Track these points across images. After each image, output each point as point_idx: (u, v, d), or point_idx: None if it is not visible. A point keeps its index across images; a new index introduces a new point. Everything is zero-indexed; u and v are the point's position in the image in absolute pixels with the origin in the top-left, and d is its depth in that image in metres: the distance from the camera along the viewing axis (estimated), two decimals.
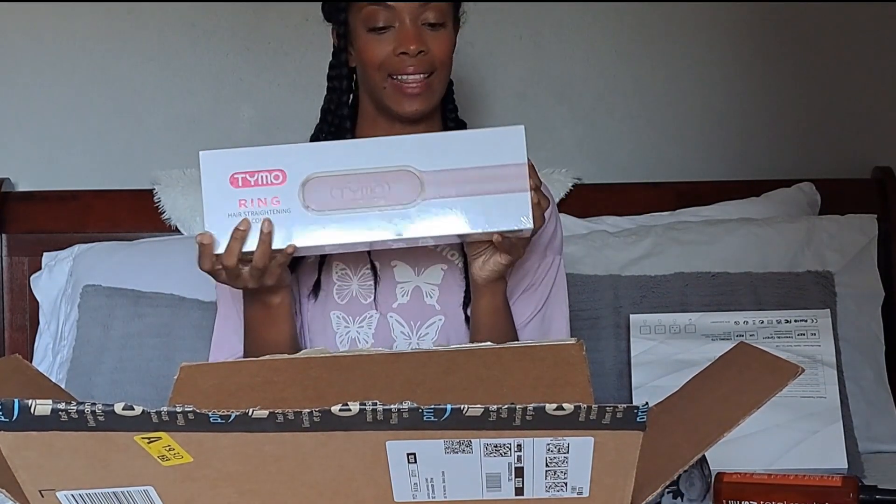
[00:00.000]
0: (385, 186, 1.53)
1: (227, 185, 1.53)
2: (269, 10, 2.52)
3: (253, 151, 1.55)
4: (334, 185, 1.53)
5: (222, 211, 1.54)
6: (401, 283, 1.75)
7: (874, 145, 2.56)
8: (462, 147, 1.54)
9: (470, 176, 1.53)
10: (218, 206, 1.54)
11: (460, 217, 1.54)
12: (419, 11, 1.70)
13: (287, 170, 1.53)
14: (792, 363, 1.19)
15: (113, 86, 2.52)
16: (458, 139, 1.55)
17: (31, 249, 2.41)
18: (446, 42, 1.72)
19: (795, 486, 1.60)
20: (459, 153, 1.54)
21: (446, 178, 1.53)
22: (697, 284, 2.21)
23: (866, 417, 2.17)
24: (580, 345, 1.28)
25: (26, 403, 0.99)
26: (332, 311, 1.74)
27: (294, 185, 1.53)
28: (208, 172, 1.54)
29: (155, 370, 2.14)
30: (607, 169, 2.55)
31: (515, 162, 1.54)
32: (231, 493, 1.07)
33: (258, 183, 1.53)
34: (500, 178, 1.53)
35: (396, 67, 1.70)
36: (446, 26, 1.72)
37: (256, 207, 1.54)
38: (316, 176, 1.53)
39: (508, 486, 1.07)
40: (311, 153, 1.54)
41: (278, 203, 1.54)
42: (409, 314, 1.74)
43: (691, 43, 2.56)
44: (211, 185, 1.54)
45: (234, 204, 1.53)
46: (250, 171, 1.54)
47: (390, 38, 1.70)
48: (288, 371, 1.28)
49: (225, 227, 1.54)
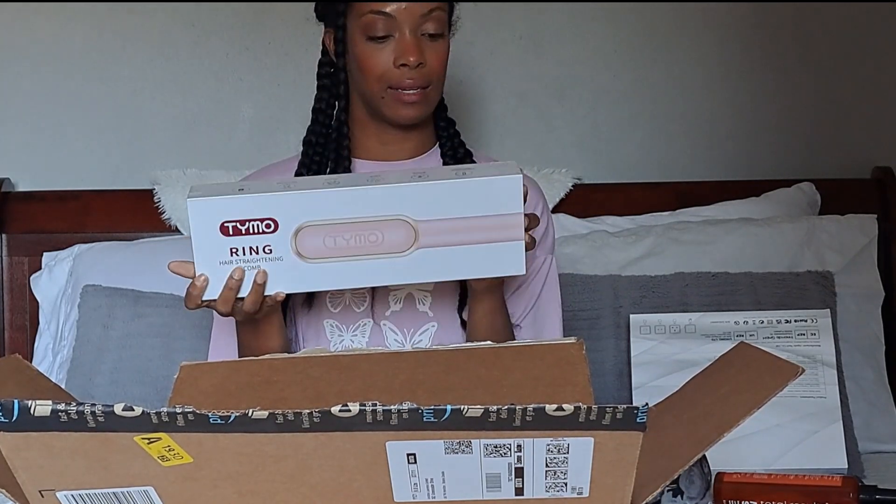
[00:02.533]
0: (379, 235, 1.51)
1: (217, 234, 1.50)
2: (269, 10, 2.52)
3: (243, 199, 1.51)
4: (327, 234, 1.51)
5: (213, 259, 1.52)
6: (393, 290, 1.75)
7: (874, 145, 2.56)
8: (458, 197, 1.51)
9: (465, 225, 1.51)
10: (209, 255, 1.52)
11: (454, 264, 1.53)
12: (420, 22, 1.69)
13: (279, 218, 1.50)
14: (792, 363, 1.19)
15: (113, 86, 2.52)
16: (454, 188, 1.51)
17: (31, 249, 2.41)
18: (443, 54, 1.72)
19: (795, 486, 1.60)
20: (455, 202, 1.51)
21: (441, 227, 1.51)
22: (697, 284, 2.21)
23: (866, 417, 2.17)
24: (580, 344, 1.28)
25: (26, 404, 0.99)
26: (326, 320, 1.74)
27: (286, 234, 1.51)
28: (198, 220, 1.51)
29: (155, 370, 2.14)
30: (607, 169, 2.55)
31: (511, 212, 1.52)
32: (231, 494, 1.07)
33: (249, 231, 1.51)
34: (495, 228, 1.52)
35: (396, 79, 1.69)
36: (444, 37, 1.72)
37: (248, 256, 1.51)
38: (308, 225, 1.51)
39: (508, 487, 1.07)
40: (304, 202, 1.51)
41: (270, 252, 1.51)
42: (402, 321, 1.74)
43: (691, 43, 2.56)
44: (201, 232, 1.51)
45: (226, 252, 1.51)
46: (241, 220, 1.50)
47: (390, 48, 1.69)
48: (288, 371, 1.28)
49: (216, 274, 1.52)
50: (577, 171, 2.48)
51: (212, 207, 1.51)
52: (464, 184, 1.52)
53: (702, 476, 1.52)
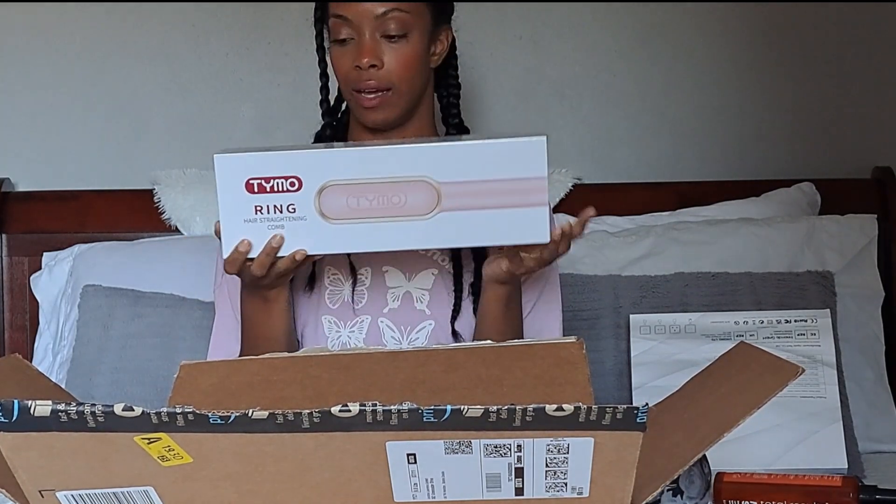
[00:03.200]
0: (402, 196, 1.50)
1: (242, 191, 1.51)
2: (269, 10, 2.52)
3: (269, 156, 1.51)
4: (350, 194, 1.50)
5: (238, 216, 1.52)
6: (392, 288, 1.75)
7: (874, 145, 2.56)
8: (481, 158, 1.50)
9: (488, 188, 1.50)
10: (234, 212, 1.52)
11: (476, 230, 1.52)
12: (378, 24, 1.69)
13: (303, 176, 1.50)
14: (792, 363, 1.19)
15: (113, 86, 2.52)
16: (477, 150, 1.51)
17: (31, 249, 2.41)
18: (405, 56, 1.70)
19: (795, 486, 1.60)
20: (478, 164, 1.50)
21: (464, 189, 1.50)
22: (697, 284, 2.21)
23: (866, 417, 2.17)
24: (580, 343, 1.28)
25: (26, 404, 0.99)
26: (324, 316, 1.75)
27: (310, 193, 1.51)
28: (223, 176, 1.51)
29: (155, 370, 2.14)
30: (607, 169, 2.55)
31: (535, 175, 1.50)
32: (231, 494, 1.07)
33: (274, 189, 1.51)
34: (519, 192, 1.50)
35: (356, 81, 1.70)
36: (409, 38, 1.70)
37: (272, 214, 1.51)
38: (332, 184, 1.50)
39: (508, 487, 1.07)
40: (328, 160, 1.51)
41: (294, 210, 1.51)
42: (399, 319, 1.74)
43: (691, 43, 2.56)
44: (226, 189, 1.51)
45: (251, 210, 1.51)
46: (266, 177, 1.51)
47: (351, 51, 1.70)
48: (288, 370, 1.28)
49: (241, 232, 1.52)
50: (577, 171, 2.48)
51: (238, 163, 1.51)
52: (487, 145, 1.51)
53: (702, 476, 1.53)
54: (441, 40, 1.77)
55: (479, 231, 1.52)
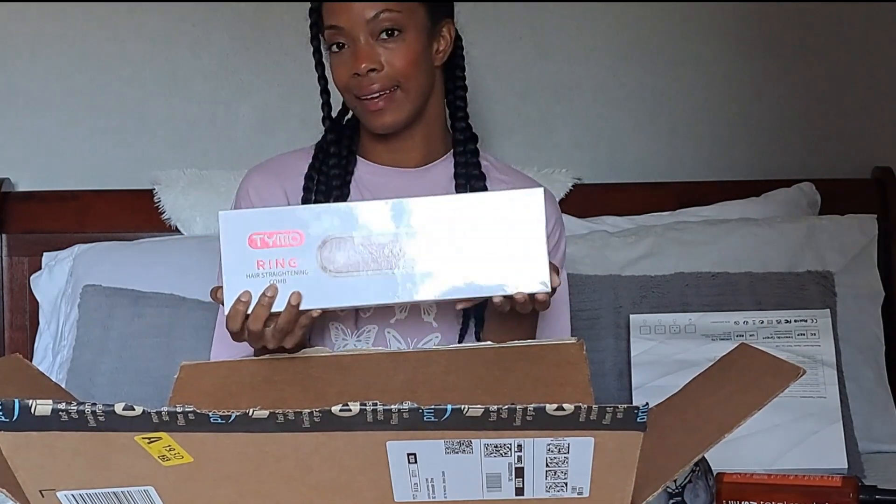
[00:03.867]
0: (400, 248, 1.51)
1: (245, 246, 1.51)
2: (269, 10, 2.52)
3: (272, 212, 1.53)
4: (350, 248, 1.51)
5: (241, 272, 1.52)
6: None
7: (874, 145, 2.56)
8: (478, 210, 1.51)
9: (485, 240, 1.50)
10: (237, 267, 1.52)
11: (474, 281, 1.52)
12: (370, 26, 1.67)
13: (304, 231, 1.51)
14: (793, 365, 1.19)
15: (113, 86, 2.52)
16: (472, 202, 1.52)
17: (31, 249, 2.41)
18: (406, 52, 1.68)
19: (795, 486, 1.60)
20: (476, 216, 1.51)
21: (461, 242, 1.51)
22: (697, 284, 2.21)
23: (866, 417, 2.17)
24: (580, 344, 1.28)
25: (27, 404, 0.99)
26: (331, 323, 1.74)
27: (312, 247, 1.51)
28: (227, 232, 1.52)
29: (155, 370, 2.14)
30: (607, 169, 2.55)
31: (533, 226, 1.51)
32: (231, 493, 1.07)
33: (276, 244, 1.51)
34: (518, 242, 1.51)
35: (357, 88, 1.69)
36: (405, 35, 1.68)
37: (275, 268, 1.51)
38: (333, 237, 1.52)
39: (509, 486, 1.07)
40: (330, 214, 1.52)
41: (296, 265, 1.51)
42: (406, 330, 1.73)
43: (691, 43, 2.56)
44: (230, 244, 1.52)
45: (253, 265, 1.51)
46: (269, 232, 1.51)
47: (347, 58, 1.69)
48: (288, 371, 1.28)
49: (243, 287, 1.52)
50: (577, 171, 2.48)
51: (242, 219, 1.52)
52: (485, 197, 1.52)
53: (706, 489, 1.52)
54: (443, 37, 1.74)
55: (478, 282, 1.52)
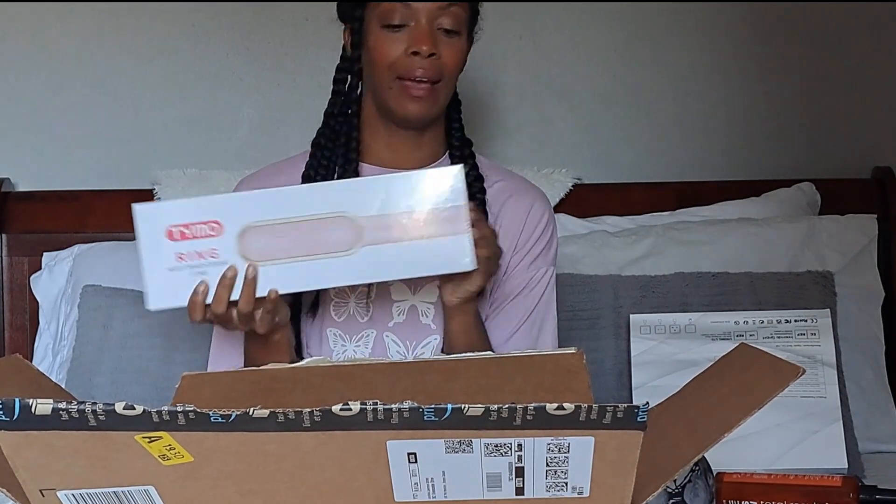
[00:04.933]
0: (322, 234, 1.51)
1: (164, 239, 1.50)
2: (269, 10, 2.52)
3: (188, 203, 1.52)
4: (271, 235, 1.51)
5: (162, 266, 1.51)
6: (397, 301, 1.74)
7: (874, 145, 2.56)
8: (399, 190, 1.51)
9: (409, 220, 1.51)
10: (157, 261, 1.51)
11: (401, 262, 1.52)
12: (436, 14, 1.68)
13: (223, 220, 1.50)
14: (793, 364, 1.19)
15: (113, 86, 2.52)
16: (393, 182, 1.52)
17: (31, 249, 2.41)
18: (459, 51, 1.70)
19: (795, 486, 1.60)
20: (397, 197, 1.51)
21: (384, 223, 1.51)
22: (697, 284, 2.21)
23: (866, 417, 2.17)
24: (580, 354, 1.28)
25: (27, 403, 0.99)
26: (329, 329, 1.73)
27: (231, 236, 1.51)
28: (144, 226, 1.51)
29: (155, 370, 2.14)
30: (607, 169, 2.55)
31: (454, 204, 1.52)
32: (232, 493, 1.07)
33: (195, 235, 1.50)
34: (440, 221, 1.51)
35: (406, 68, 1.67)
36: (461, 35, 1.71)
37: (195, 261, 1.51)
38: (253, 226, 1.51)
39: (509, 486, 1.06)
40: (247, 202, 1.51)
41: (216, 255, 1.51)
42: (404, 333, 1.73)
43: (691, 43, 2.56)
44: (147, 239, 1.51)
45: (173, 258, 1.51)
46: (186, 224, 1.50)
47: (404, 38, 1.68)
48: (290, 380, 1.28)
49: (165, 282, 1.51)
50: (577, 171, 2.48)
51: (158, 212, 1.51)
52: (404, 177, 1.53)
53: (706, 489, 1.52)
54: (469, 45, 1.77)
55: (404, 263, 1.53)
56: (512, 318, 1.76)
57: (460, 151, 1.79)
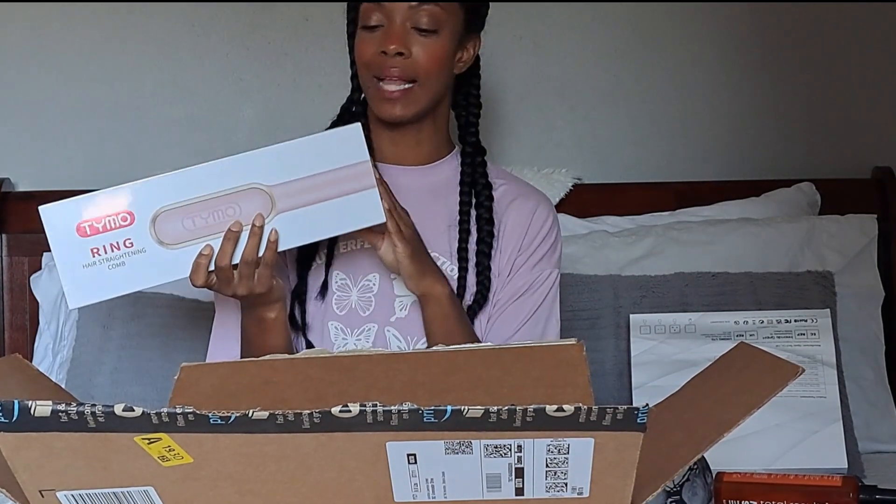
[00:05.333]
0: (236, 207, 1.52)
1: (75, 237, 1.49)
2: (269, 10, 2.52)
3: (93, 197, 1.50)
4: (184, 216, 1.51)
5: (76, 263, 1.50)
6: (399, 296, 1.74)
7: (874, 145, 2.56)
8: (303, 155, 1.53)
9: (317, 182, 1.53)
10: (71, 260, 1.50)
11: (316, 224, 1.55)
12: (410, 14, 1.68)
13: (133, 209, 1.50)
14: (792, 364, 1.19)
15: (113, 86, 2.52)
16: (296, 148, 1.54)
17: (31, 249, 2.41)
18: (435, 51, 1.69)
19: (795, 486, 1.60)
20: (302, 161, 1.53)
21: (294, 188, 1.53)
22: (697, 284, 2.21)
23: (866, 417, 2.18)
24: (580, 345, 1.28)
25: (26, 404, 0.99)
26: (331, 322, 1.74)
27: (144, 224, 1.50)
28: (53, 227, 1.50)
29: (155, 370, 2.14)
30: (607, 169, 2.55)
31: (358, 160, 1.54)
32: (231, 494, 1.07)
33: (106, 228, 1.50)
34: (346, 179, 1.54)
35: (378, 68, 1.69)
36: (440, 35, 1.70)
37: (110, 253, 1.50)
38: (164, 210, 1.51)
39: (509, 487, 1.06)
40: (154, 187, 1.51)
41: (132, 245, 1.51)
42: (406, 328, 1.73)
43: (691, 43, 2.56)
44: (59, 239, 1.50)
45: (87, 254, 1.50)
46: (96, 218, 1.50)
47: (378, 38, 1.69)
48: (288, 371, 1.28)
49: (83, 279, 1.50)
50: (577, 171, 2.48)
51: (65, 210, 1.50)
52: (306, 141, 1.54)
53: (705, 487, 1.52)
54: (468, 48, 1.77)
55: (319, 225, 1.55)
56: (514, 318, 1.76)
57: (472, 159, 1.80)
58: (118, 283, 1.53)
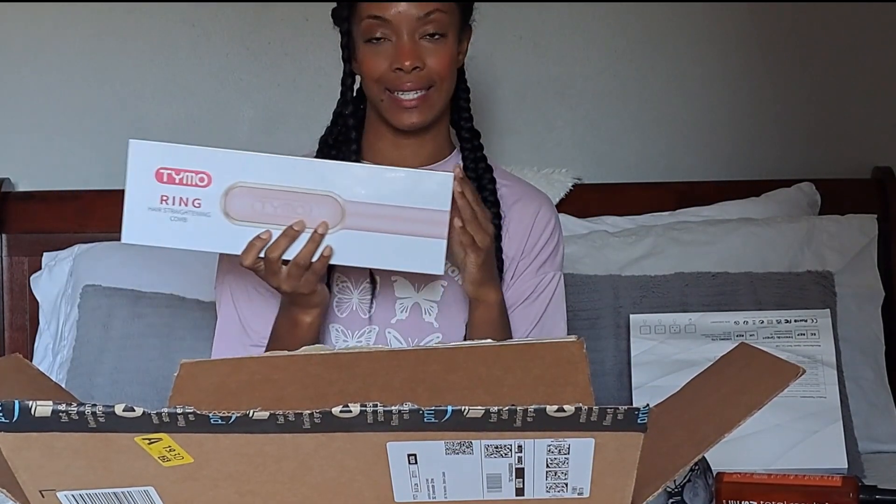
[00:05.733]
0: (307, 208, 1.53)
1: (152, 178, 1.52)
2: (269, 11, 2.52)
3: (183, 149, 1.53)
4: (257, 198, 1.52)
5: (143, 203, 1.53)
6: (400, 298, 1.74)
7: (874, 145, 2.56)
8: (389, 183, 1.54)
9: (391, 213, 1.53)
10: (140, 198, 1.53)
11: (375, 252, 1.55)
12: (417, 25, 1.67)
13: (213, 173, 1.52)
14: (793, 364, 1.19)
15: (113, 86, 2.52)
16: (385, 174, 1.54)
17: (31, 249, 2.41)
18: (446, 55, 1.69)
19: (795, 486, 1.60)
20: (385, 189, 1.53)
21: (368, 210, 1.53)
22: (697, 284, 2.21)
23: (866, 417, 2.17)
24: (581, 343, 1.27)
25: (27, 404, 0.99)
26: (331, 324, 1.73)
27: (217, 191, 1.52)
28: (135, 162, 1.53)
29: (155, 370, 2.14)
30: (607, 169, 2.55)
31: (438, 208, 1.54)
32: (231, 494, 1.07)
33: (183, 182, 1.52)
34: (420, 221, 1.54)
35: (393, 83, 1.68)
36: (447, 38, 1.69)
37: (177, 206, 1.52)
38: (241, 185, 1.52)
39: (509, 487, 1.07)
40: (241, 162, 1.53)
41: (199, 205, 1.52)
42: (407, 330, 1.73)
43: (691, 43, 2.56)
44: (136, 175, 1.52)
45: (157, 198, 1.52)
46: (177, 169, 1.52)
47: (387, 52, 1.67)
48: (288, 369, 1.28)
49: (144, 220, 1.53)
50: (577, 171, 2.48)
51: (151, 151, 1.53)
52: (397, 171, 1.55)
53: (706, 488, 1.52)
54: (464, 40, 1.76)
55: (377, 253, 1.55)
56: (520, 325, 1.76)
57: (470, 143, 1.80)
58: (173, 237, 1.54)
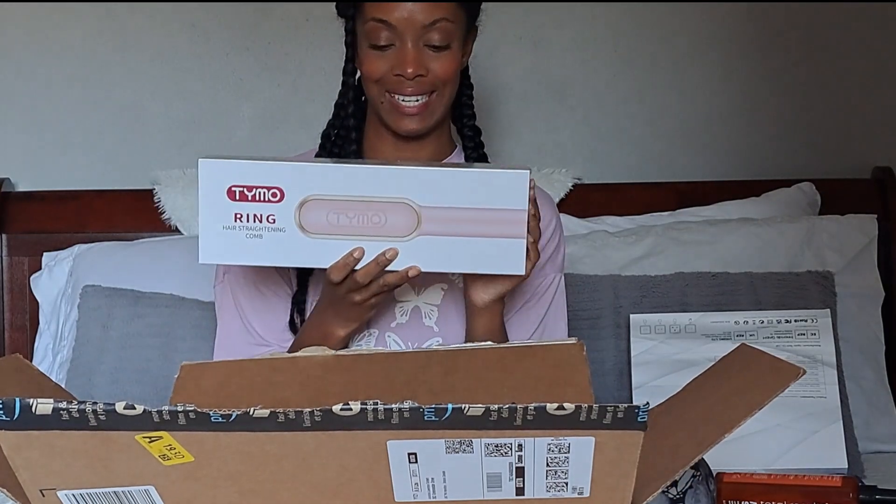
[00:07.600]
0: (382, 217, 1.51)
1: (223, 197, 1.51)
2: (269, 10, 2.52)
3: (253, 165, 1.51)
4: (331, 210, 1.51)
5: (218, 223, 1.52)
6: (400, 302, 1.73)
7: (874, 145, 2.56)
8: (463, 185, 1.51)
9: (468, 216, 1.51)
10: (214, 218, 1.51)
11: (454, 255, 1.53)
12: (422, 33, 1.66)
13: (285, 188, 1.50)
14: (793, 365, 1.19)
15: (113, 86, 2.52)
16: (461, 177, 1.52)
17: (31, 249, 2.41)
18: (450, 63, 1.68)
19: (795, 486, 1.60)
20: (461, 191, 1.51)
21: (444, 215, 1.51)
22: (697, 284, 2.21)
23: (866, 417, 2.18)
24: (580, 345, 1.28)
25: (27, 403, 0.99)
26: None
27: (291, 205, 1.51)
28: (206, 181, 1.51)
29: (155, 370, 2.14)
30: (607, 169, 2.55)
31: (515, 208, 1.52)
32: (232, 493, 1.07)
33: (255, 199, 1.51)
34: (498, 222, 1.52)
35: (394, 86, 1.67)
36: (451, 46, 1.68)
37: (251, 223, 1.51)
38: (314, 198, 1.51)
39: (509, 486, 1.07)
40: (311, 174, 1.51)
41: (273, 221, 1.51)
42: (407, 334, 1.73)
43: (691, 43, 2.56)
44: (208, 194, 1.51)
45: (230, 217, 1.51)
46: (248, 186, 1.51)
47: (390, 56, 1.67)
48: (289, 371, 1.28)
49: (219, 239, 1.52)
50: (577, 171, 2.48)
51: (222, 169, 1.51)
52: (471, 173, 1.52)
53: (708, 494, 1.52)
54: (469, 42, 1.76)
55: (456, 257, 1.53)
56: (522, 328, 1.75)
57: (472, 142, 1.80)
58: (249, 254, 1.53)
